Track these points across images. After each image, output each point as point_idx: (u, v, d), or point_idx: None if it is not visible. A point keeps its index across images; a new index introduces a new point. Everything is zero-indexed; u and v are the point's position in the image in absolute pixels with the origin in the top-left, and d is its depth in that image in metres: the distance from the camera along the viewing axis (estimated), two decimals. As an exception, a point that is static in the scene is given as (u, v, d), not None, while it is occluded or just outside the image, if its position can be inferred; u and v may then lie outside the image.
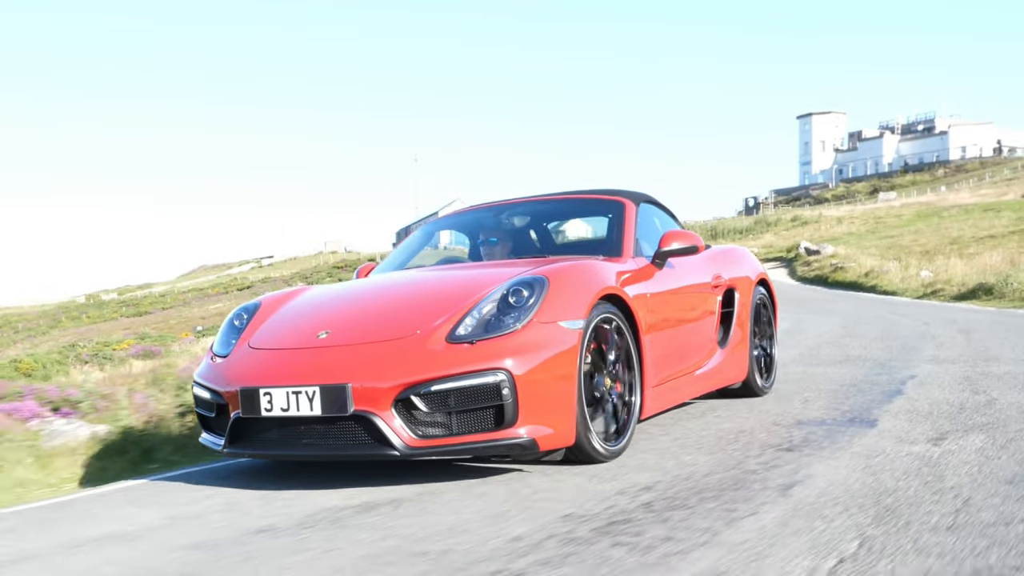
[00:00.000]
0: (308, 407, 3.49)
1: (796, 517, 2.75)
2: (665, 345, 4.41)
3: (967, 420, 4.33)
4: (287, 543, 2.86)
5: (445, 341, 3.52)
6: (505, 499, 3.26)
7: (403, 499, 3.37)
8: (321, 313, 4.12)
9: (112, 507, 3.69)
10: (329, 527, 3.02)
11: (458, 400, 3.43)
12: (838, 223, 45.83)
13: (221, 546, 2.88)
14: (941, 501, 2.86)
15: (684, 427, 4.62)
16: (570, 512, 3.00)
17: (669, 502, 3.04)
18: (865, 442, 3.91)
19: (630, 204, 5.01)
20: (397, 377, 3.43)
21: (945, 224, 37.29)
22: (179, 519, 3.33)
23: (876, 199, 76.27)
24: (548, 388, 3.50)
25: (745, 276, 5.66)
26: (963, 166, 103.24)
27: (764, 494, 3.07)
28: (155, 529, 3.19)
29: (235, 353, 4.02)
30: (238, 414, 3.69)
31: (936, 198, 60.44)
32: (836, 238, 38.85)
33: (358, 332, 3.76)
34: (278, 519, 3.19)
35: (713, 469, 3.55)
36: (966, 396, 5.11)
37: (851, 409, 4.86)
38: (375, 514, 3.16)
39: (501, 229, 5.41)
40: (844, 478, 3.25)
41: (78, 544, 3.05)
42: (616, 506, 3.04)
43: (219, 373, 3.93)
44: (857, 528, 2.61)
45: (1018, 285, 17.23)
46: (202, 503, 3.58)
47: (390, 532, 2.90)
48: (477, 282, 3.97)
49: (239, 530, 3.08)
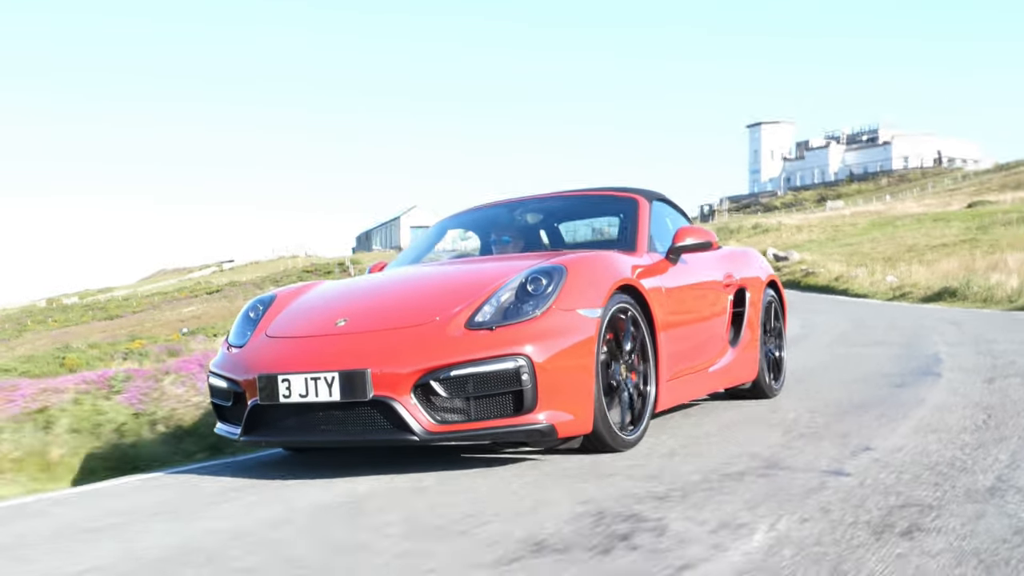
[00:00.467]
0: (327, 393, 3.52)
1: (936, 412, 4.74)
2: (679, 340, 4.52)
3: (1002, 372, 6.38)
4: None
5: (464, 327, 3.58)
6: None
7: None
8: (338, 303, 4.18)
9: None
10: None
11: (477, 385, 3.48)
12: (798, 231, 48.72)
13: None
14: (1018, 403, 4.91)
15: (826, 378, 6.60)
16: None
17: (841, 415, 5.02)
18: (944, 383, 5.92)
19: (643, 201, 5.11)
20: (417, 362, 3.47)
21: (900, 233, 40.19)
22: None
23: (824, 207, 79.76)
24: (567, 375, 3.57)
25: (756, 276, 5.79)
26: (906, 176, 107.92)
27: (908, 406, 5.06)
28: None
29: (252, 343, 4.05)
30: (256, 401, 3.73)
31: (884, 207, 63.85)
32: (799, 245, 41.49)
33: (377, 319, 3.82)
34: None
35: (864, 399, 5.53)
36: (989, 360, 7.18)
37: (916, 369, 6.89)
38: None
39: (513, 227, 5.49)
40: (946, 399, 5.24)
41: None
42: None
43: (236, 362, 3.97)
44: (978, 414, 4.61)
45: (978, 288, 19.64)
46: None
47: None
48: (494, 272, 4.05)
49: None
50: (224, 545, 2.78)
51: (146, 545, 2.85)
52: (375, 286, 4.44)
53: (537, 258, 4.32)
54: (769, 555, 2.33)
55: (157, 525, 3.15)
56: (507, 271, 3.97)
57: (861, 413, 4.82)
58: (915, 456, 3.57)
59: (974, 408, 4.78)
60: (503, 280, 3.81)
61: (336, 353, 3.61)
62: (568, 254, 4.20)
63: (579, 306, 3.68)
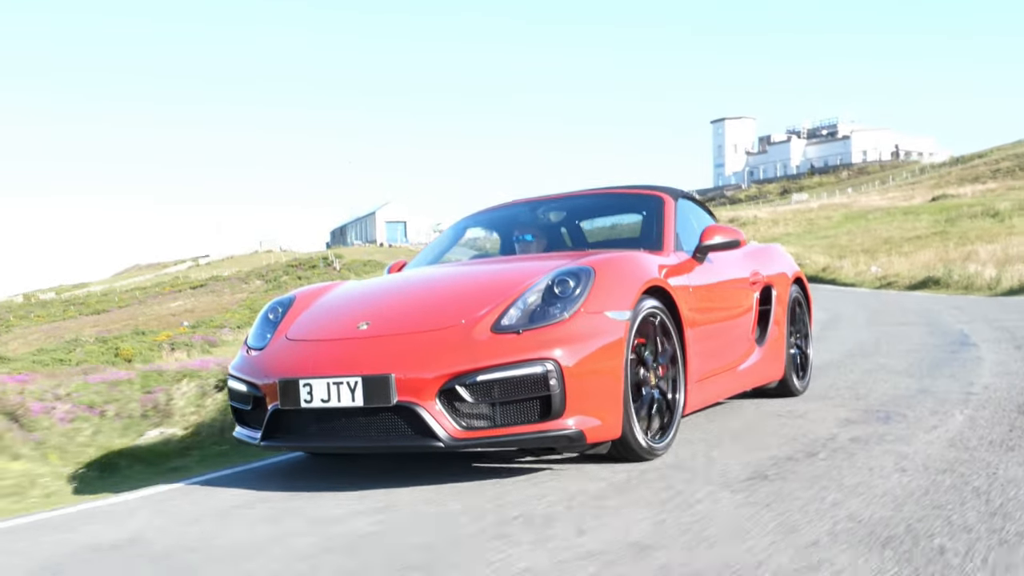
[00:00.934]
0: (350, 398, 3.47)
1: (998, 365, 6.77)
2: (707, 340, 4.45)
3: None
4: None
5: (490, 331, 3.54)
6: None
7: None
8: (360, 305, 4.10)
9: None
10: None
11: (504, 391, 3.43)
12: (774, 224, 51.23)
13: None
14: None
15: (890, 348, 8.61)
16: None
17: (933, 368, 7.05)
18: (985, 349, 7.95)
19: (669, 199, 5.06)
20: (442, 367, 3.42)
21: (873, 226, 42.86)
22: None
23: (789, 200, 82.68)
24: (596, 379, 3.52)
25: (782, 273, 5.75)
26: (865, 168, 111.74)
27: (973, 362, 7.08)
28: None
29: (272, 345, 3.99)
30: (276, 406, 3.66)
31: (848, 199, 66.77)
32: (777, 238, 43.88)
33: (400, 323, 3.77)
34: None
35: (936, 360, 7.54)
36: (1007, 334, 9.27)
37: (953, 341, 8.94)
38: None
39: (536, 225, 5.42)
40: (997, 355, 7.29)
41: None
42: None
43: (256, 365, 3.90)
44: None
45: (959, 277, 22.03)
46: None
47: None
48: (520, 274, 3.98)
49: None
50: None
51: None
52: (397, 287, 4.37)
53: (562, 258, 4.26)
54: (972, 423, 4.39)
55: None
56: (533, 272, 3.92)
57: (945, 367, 6.85)
58: (1009, 385, 5.64)
59: (1022, 363, 6.86)
60: (529, 282, 3.77)
61: (359, 357, 3.58)
62: (595, 254, 4.15)
63: (607, 308, 3.65)
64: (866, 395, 5.59)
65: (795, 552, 2.53)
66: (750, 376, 5.15)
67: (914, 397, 5.35)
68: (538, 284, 3.72)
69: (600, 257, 3.99)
